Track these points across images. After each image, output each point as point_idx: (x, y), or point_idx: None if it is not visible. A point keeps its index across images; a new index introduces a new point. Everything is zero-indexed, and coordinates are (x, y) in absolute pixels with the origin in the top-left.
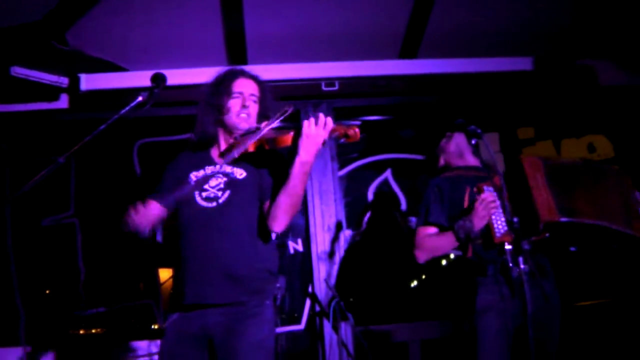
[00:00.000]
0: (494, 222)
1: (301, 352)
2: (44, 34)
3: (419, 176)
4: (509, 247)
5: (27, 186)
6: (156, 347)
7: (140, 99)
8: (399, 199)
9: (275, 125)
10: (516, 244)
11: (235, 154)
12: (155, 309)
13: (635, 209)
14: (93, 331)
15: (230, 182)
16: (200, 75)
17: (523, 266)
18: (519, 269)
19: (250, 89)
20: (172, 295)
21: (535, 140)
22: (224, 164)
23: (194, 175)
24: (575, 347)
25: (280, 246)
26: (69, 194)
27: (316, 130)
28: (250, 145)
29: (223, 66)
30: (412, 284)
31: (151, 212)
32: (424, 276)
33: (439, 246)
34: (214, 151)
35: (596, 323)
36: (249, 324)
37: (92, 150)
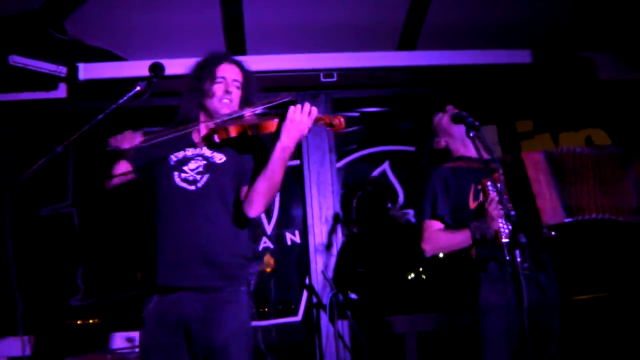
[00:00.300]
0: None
1: (298, 344)
2: (42, 22)
3: (417, 161)
4: (505, 241)
5: (25, 175)
6: None
7: (138, 88)
8: (397, 191)
9: (259, 111)
10: (513, 237)
11: (216, 138)
12: None
13: None
14: (90, 321)
15: (209, 166)
16: None
17: (520, 260)
18: (517, 263)
19: (233, 74)
20: (144, 272)
21: (534, 133)
22: (204, 147)
23: (174, 156)
24: (572, 342)
25: (256, 227)
26: (66, 184)
27: (301, 117)
28: (232, 130)
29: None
30: (410, 277)
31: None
32: (421, 269)
33: (454, 244)
34: (195, 134)
35: (593, 317)
36: (227, 309)
37: (90, 140)
